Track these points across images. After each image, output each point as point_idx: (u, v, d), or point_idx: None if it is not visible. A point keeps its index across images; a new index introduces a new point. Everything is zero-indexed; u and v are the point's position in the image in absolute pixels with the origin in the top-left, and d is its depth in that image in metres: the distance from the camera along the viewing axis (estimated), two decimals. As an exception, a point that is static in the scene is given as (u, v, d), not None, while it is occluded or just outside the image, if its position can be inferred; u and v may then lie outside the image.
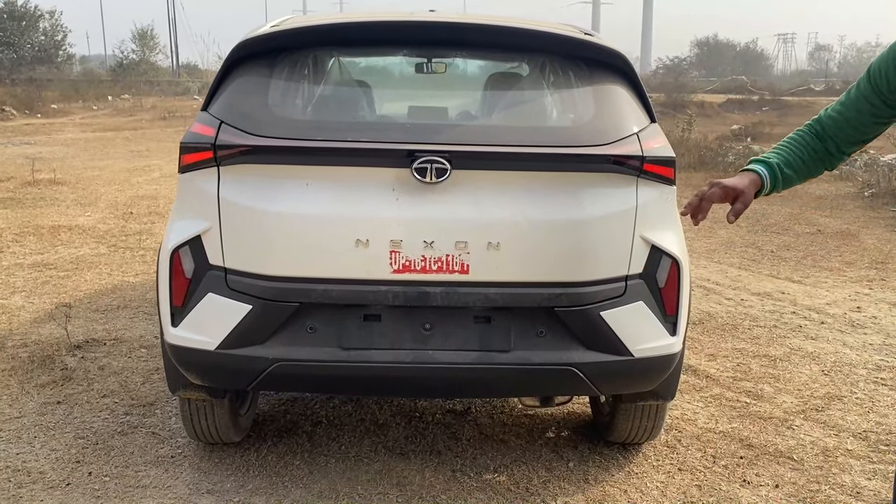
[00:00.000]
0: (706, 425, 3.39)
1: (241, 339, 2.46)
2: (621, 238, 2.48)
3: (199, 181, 2.46)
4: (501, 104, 2.94)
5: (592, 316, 2.47)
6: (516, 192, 2.44)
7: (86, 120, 22.67)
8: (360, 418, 3.38)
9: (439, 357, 2.46)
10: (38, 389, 3.67)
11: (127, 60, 44.21)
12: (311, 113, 2.73)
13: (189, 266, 2.49)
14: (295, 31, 2.69)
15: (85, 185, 10.20)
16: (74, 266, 6.04)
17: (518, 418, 3.42)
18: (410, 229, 2.40)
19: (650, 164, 2.46)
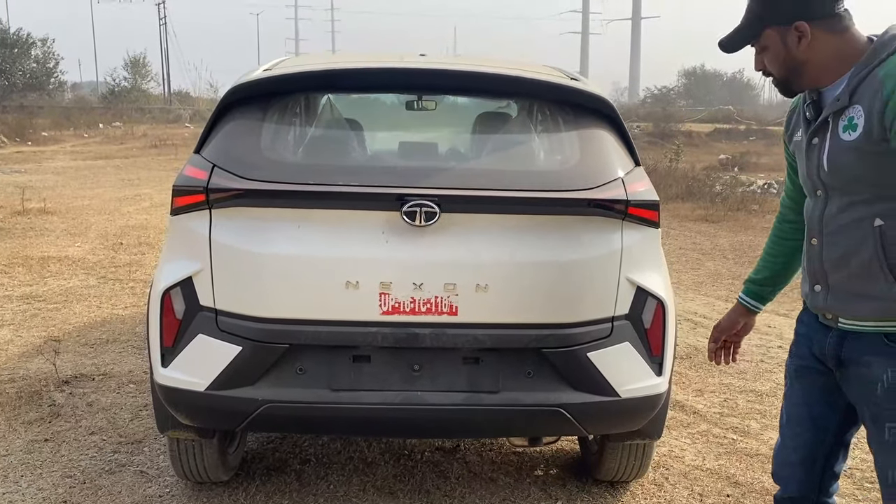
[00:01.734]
0: (693, 462, 3.41)
1: (231, 381, 2.47)
2: (607, 280, 2.52)
3: (191, 223, 2.50)
4: (489, 146, 2.99)
5: (579, 357, 2.50)
6: (504, 235, 2.48)
7: (77, 148, 22.68)
8: (348, 456, 3.39)
9: (428, 398, 2.48)
10: (25, 426, 3.65)
11: (118, 88, 44.36)
12: (303, 156, 2.77)
13: (180, 307, 2.51)
14: (287, 76, 2.74)
15: (75, 215, 10.20)
16: (64, 298, 6.03)
17: (507, 456, 3.43)
18: (400, 271, 2.43)
19: (635, 208, 2.51)
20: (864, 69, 1.73)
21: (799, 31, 1.78)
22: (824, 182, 1.84)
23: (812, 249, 1.91)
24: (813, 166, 1.86)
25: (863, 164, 1.74)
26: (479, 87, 2.86)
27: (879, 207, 1.74)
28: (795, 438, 2.05)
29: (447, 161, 3.04)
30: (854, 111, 1.73)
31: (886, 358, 1.77)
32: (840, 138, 1.77)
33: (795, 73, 1.84)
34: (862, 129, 1.71)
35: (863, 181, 1.76)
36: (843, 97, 1.76)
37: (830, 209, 1.84)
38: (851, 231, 1.80)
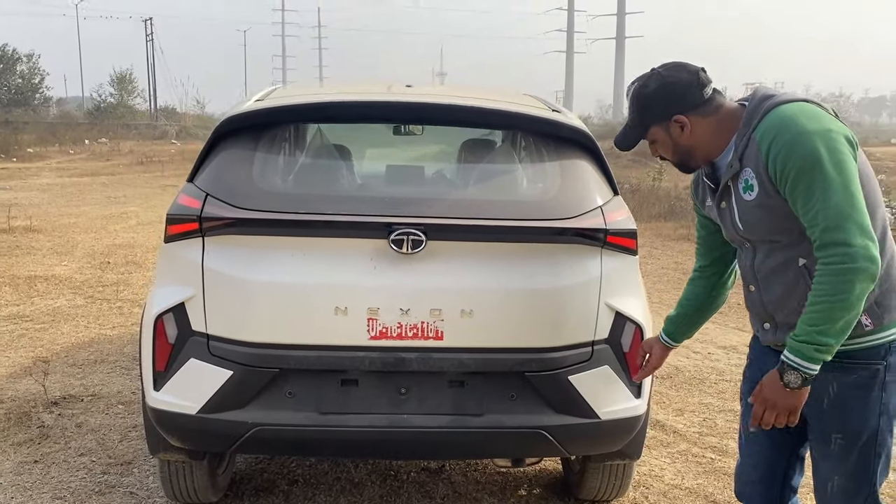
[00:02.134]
0: (673, 481, 3.50)
1: (222, 404, 2.53)
2: (587, 305, 2.62)
3: (184, 251, 2.57)
4: (474, 175, 3.08)
5: (561, 380, 2.58)
6: (488, 262, 2.57)
7: (62, 164, 22.62)
8: (336, 477, 3.45)
9: (414, 421, 2.56)
10: (14, 448, 3.69)
11: (104, 104, 44.25)
12: (294, 185, 2.85)
13: (172, 332, 2.57)
14: (279, 108, 2.83)
15: (61, 233, 10.20)
16: (51, 318, 6.06)
17: (491, 476, 3.50)
18: (387, 297, 2.51)
19: (613, 236, 2.61)
20: (744, 135, 1.94)
21: (679, 123, 2.02)
22: (744, 237, 2.03)
23: (752, 295, 2.10)
24: (730, 226, 2.06)
25: (770, 217, 1.92)
26: (464, 119, 2.96)
27: (799, 249, 1.92)
28: (754, 456, 2.19)
29: (433, 189, 3.13)
30: (746, 173, 1.94)
31: (833, 374, 1.91)
32: (743, 199, 1.97)
33: (687, 156, 2.07)
34: (757, 188, 1.91)
35: (776, 230, 1.94)
36: (735, 163, 1.96)
37: (759, 258, 2.02)
38: (781, 274, 1.97)
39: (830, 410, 1.94)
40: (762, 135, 1.88)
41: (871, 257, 1.76)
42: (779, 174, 1.85)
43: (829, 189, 1.78)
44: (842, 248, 1.76)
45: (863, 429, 1.93)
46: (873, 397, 1.92)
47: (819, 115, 1.88)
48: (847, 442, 1.93)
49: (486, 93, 3.22)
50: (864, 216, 1.79)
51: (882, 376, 1.92)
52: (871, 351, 1.90)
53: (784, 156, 1.83)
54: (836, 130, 1.84)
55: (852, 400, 1.91)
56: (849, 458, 1.95)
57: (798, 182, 1.81)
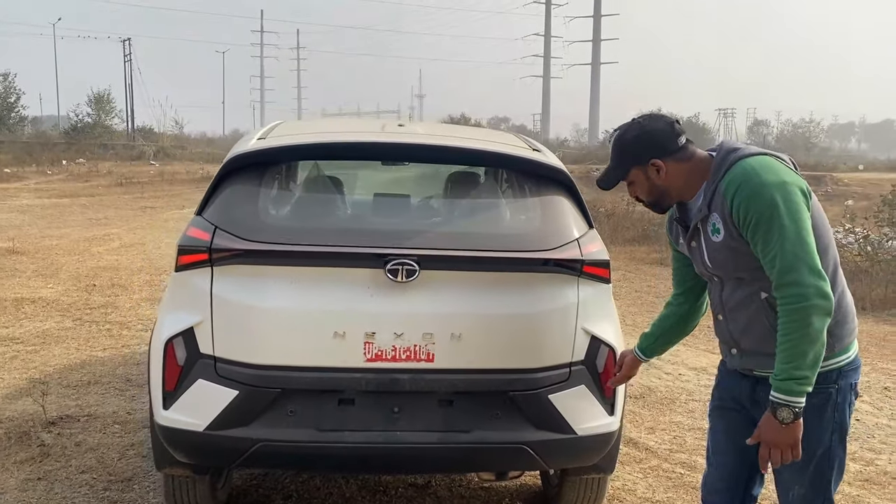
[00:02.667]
0: (644, 495, 3.73)
1: (228, 421, 2.73)
2: (565, 329, 2.86)
3: (194, 279, 2.77)
4: (461, 209, 3.33)
5: (541, 399, 2.81)
6: (476, 289, 2.81)
7: (41, 185, 22.58)
8: (328, 492, 3.64)
9: (407, 437, 2.77)
10: (17, 466, 3.83)
11: (81, 124, 44.04)
12: (296, 218, 3.08)
13: (182, 354, 2.77)
14: (281, 148, 3.06)
15: (44, 255, 10.28)
16: (41, 340, 6.18)
17: (475, 491, 3.71)
18: (383, 322, 2.74)
19: (589, 266, 2.86)
20: (712, 184, 2.21)
21: (655, 166, 2.28)
22: (713, 273, 2.29)
23: (720, 324, 2.35)
24: (699, 263, 2.33)
25: (734, 257, 2.19)
26: (453, 158, 3.21)
27: (761, 284, 2.18)
28: (721, 468, 2.43)
29: (425, 222, 3.37)
30: (714, 218, 2.21)
31: None
32: (711, 240, 2.24)
33: (661, 196, 2.33)
34: (723, 231, 2.18)
35: (740, 268, 2.20)
36: (703, 208, 2.24)
37: (726, 291, 2.28)
38: (746, 306, 2.23)
39: None
40: (727, 185, 2.14)
41: (823, 294, 2.02)
42: (742, 221, 2.11)
43: (784, 236, 2.04)
44: (795, 289, 2.02)
45: (818, 445, 2.18)
46: (827, 417, 2.18)
47: (777, 168, 2.15)
48: (806, 457, 2.16)
49: (473, 132, 3.47)
50: (815, 259, 2.05)
51: (834, 398, 2.18)
52: (823, 376, 2.14)
53: (746, 205, 2.09)
54: (791, 182, 2.11)
55: (809, 420, 2.14)
56: (807, 470, 2.20)
57: (758, 228, 2.08)
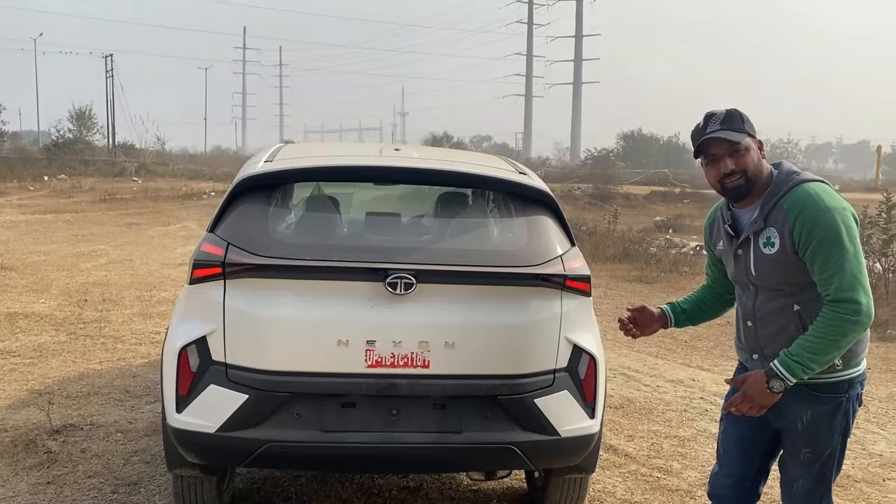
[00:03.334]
0: (623, 497, 3.97)
1: (238, 424, 2.94)
2: (550, 339, 3.10)
3: (207, 291, 2.99)
4: (454, 227, 3.58)
5: (528, 403, 3.05)
6: (468, 302, 3.05)
7: (24, 201, 22.55)
8: (325, 494, 3.84)
9: (404, 438, 3.00)
10: (26, 471, 4.01)
11: (62, 139, 43.92)
12: (302, 235, 3.32)
13: (195, 361, 2.98)
14: (290, 170, 3.31)
15: (33, 271, 10.39)
16: (38, 354, 6.33)
17: (464, 493, 3.93)
18: (382, 331, 2.97)
19: (571, 281, 3.12)
20: (772, 199, 2.41)
21: (760, 146, 2.49)
22: (752, 282, 2.50)
23: (748, 330, 2.57)
24: (742, 271, 2.52)
25: (781, 270, 2.41)
26: (446, 181, 3.47)
27: (796, 297, 2.42)
28: (730, 466, 2.69)
29: (422, 239, 3.60)
30: (770, 232, 2.42)
31: (807, 403, 2.44)
32: (762, 251, 2.45)
33: (754, 180, 2.45)
34: (778, 246, 2.39)
35: (782, 281, 2.43)
36: (759, 221, 2.44)
37: (760, 300, 2.50)
38: (778, 316, 2.46)
39: (803, 431, 2.45)
40: (790, 205, 2.36)
41: (870, 315, 2.29)
42: (803, 240, 2.33)
43: (844, 258, 2.29)
44: (852, 305, 2.27)
45: (827, 447, 2.45)
46: (837, 422, 2.44)
47: (835, 195, 2.41)
48: (814, 456, 2.45)
49: (464, 156, 3.73)
50: (867, 281, 2.32)
51: (845, 406, 2.44)
52: (837, 385, 2.42)
53: (810, 227, 2.32)
54: (847, 209, 2.37)
55: (821, 424, 2.42)
56: (813, 468, 2.47)
57: (820, 248, 2.31)
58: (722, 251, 2.64)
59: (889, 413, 5.57)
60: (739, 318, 2.62)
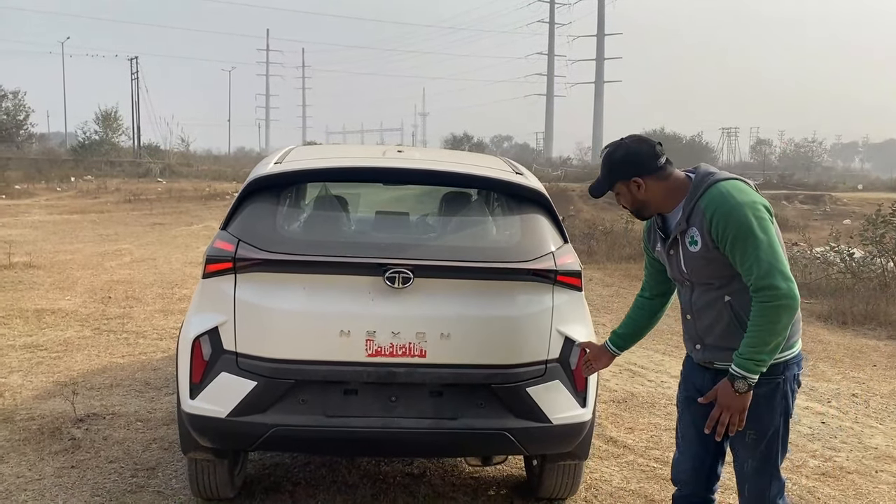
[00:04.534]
0: (619, 485, 4.12)
1: (247, 409, 3.14)
2: (542, 331, 3.27)
3: (219, 284, 3.19)
4: (451, 224, 3.75)
5: (520, 391, 3.22)
6: (463, 295, 3.22)
7: (51, 202, 23.08)
8: (332, 480, 4.03)
9: (403, 423, 3.18)
10: (52, 456, 4.24)
11: (89, 141, 44.71)
12: (308, 232, 3.51)
13: (207, 350, 3.18)
14: (297, 172, 3.51)
15: (60, 270, 10.71)
16: (63, 348, 6.59)
17: (465, 480, 4.10)
18: (382, 323, 3.15)
19: (562, 276, 3.28)
20: (691, 201, 2.61)
21: (636, 183, 2.68)
22: (686, 278, 2.69)
23: (688, 322, 2.76)
24: (675, 269, 2.72)
25: (708, 265, 2.59)
26: (444, 181, 3.65)
27: (726, 289, 2.60)
28: (689, 450, 2.85)
29: (419, 236, 3.79)
30: (692, 231, 2.60)
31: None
32: (689, 250, 2.63)
33: (642, 208, 2.72)
34: (700, 243, 2.58)
35: (711, 275, 2.61)
36: (682, 222, 2.63)
37: (695, 294, 2.69)
38: (712, 308, 2.64)
39: (747, 413, 2.59)
40: (706, 205, 2.55)
41: (793, 296, 2.43)
42: (720, 235, 2.51)
43: (758, 248, 2.45)
44: (771, 291, 2.42)
45: (769, 426, 2.61)
46: (776, 403, 2.60)
47: (746, 190, 2.58)
48: (758, 436, 2.61)
49: (463, 157, 3.91)
50: (785, 265, 2.47)
51: (782, 387, 2.60)
52: (774, 368, 2.56)
53: (724, 223, 2.50)
54: (758, 202, 2.54)
55: (762, 405, 2.58)
56: (759, 447, 2.63)
57: (736, 242, 2.48)
58: (659, 252, 2.82)
59: (889, 409, 5.66)
60: (681, 312, 2.81)
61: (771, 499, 2.67)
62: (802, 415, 5.42)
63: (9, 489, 3.83)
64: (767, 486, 2.66)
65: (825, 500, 4.02)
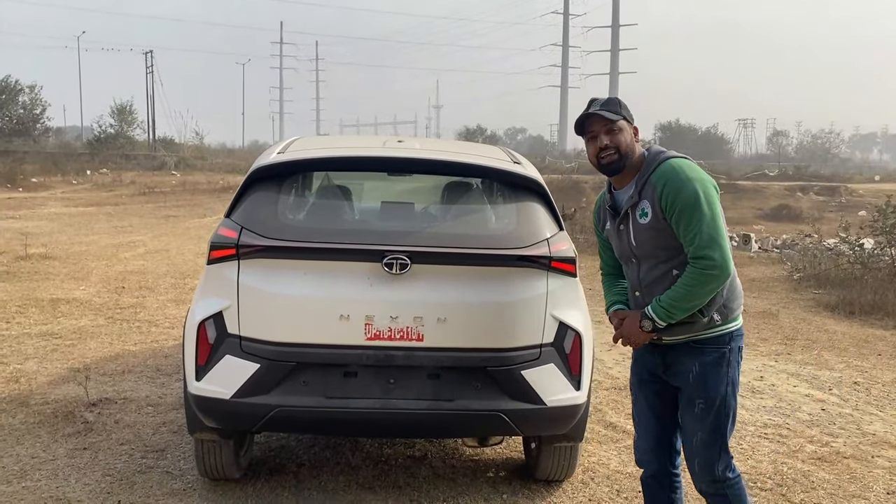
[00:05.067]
0: (616, 468, 4.20)
1: (251, 390, 3.24)
2: (536, 315, 3.35)
3: (223, 270, 3.30)
4: (449, 212, 3.84)
5: (515, 374, 3.30)
6: (459, 280, 3.31)
7: (67, 194, 23.37)
8: (336, 461, 4.14)
9: (401, 405, 3.27)
10: (65, 438, 4.38)
11: (104, 134, 45.10)
12: (308, 220, 3.60)
13: (212, 334, 3.29)
14: (297, 161, 3.60)
15: (75, 260, 10.90)
16: (77, 336, 6.75)
17: (465, 462, 4.20)
18: (380, 307, 3.24)
19: (556, 262, 3.36)
20: (644, 176, 2.72)
21: (636, 129, 2.80)
22: (635, 253, 2.78)
23: (637, 299, 2.85)
24: (625, 244, 2.80)
25: (656, 237, 2.70)
26: (442, 170, 3.73)
27: (673, 262, 2.71)
28: (647, 432, 2.95)
29: (416, 224, 3.87)
30: (644, 204, 2.71)
31: (695, 356, 2.73)
32: (639, 222, 2.73)
33: (625, 158, 2.75)
34: (651, 214, 2.69)
35: (659, 247, 2.71)
36: (634, 195, 2.74)
37: (643, 270, 2.78)
38: (660, 282, 2.73)
39: (694, 382, 2.72)
40: (658, 178, 2.68)
41: (727, 269, 2.59)
42: (668, 206, 2.64)
43: (703, 221, 2.60)
44: (708, 261, 2.58)
45: (716, 394, 2.71)
46: (723, 372, 2.71)
47: (696, 168, 2.71)
48: (707, 406, 2.70)
49: (463, 147, 3.99)
50: (725, 240, 2.62)
51: (728, 356, 2.72)
52: (719, 339, 2.71)
53: (674, 195, 2.63)
54: (707, 180, 2.68)
55: (709, 374, 2.70)
56: (707, 418, 2.72)
57: (683, 213, 2.61)
58: (609, 231, 2.91)
59: (890, 396, 5.69)
60: (629, 290, 2.90)
61: (720, 473, 2.77)
62: (802, 402, 5.48)
63: (24, 469, 3.96)
64: (717, 458, 2.76)
65: (819, 483, 4.08)
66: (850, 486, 4.07)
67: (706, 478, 2.78)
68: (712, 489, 2.80)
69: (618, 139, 2.75)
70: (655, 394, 2.90)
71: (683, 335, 2.73)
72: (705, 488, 2.82)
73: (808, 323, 8.20)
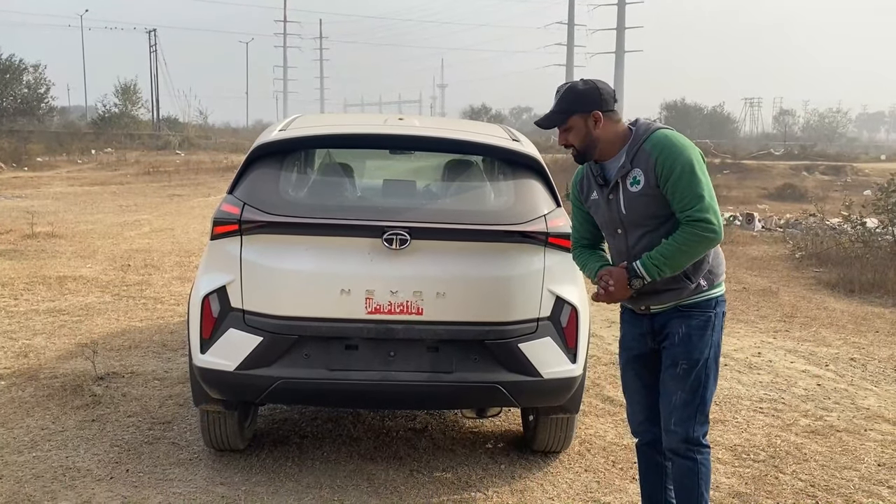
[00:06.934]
0: (613, 440, 4.29)
1: (254, 363, 3.32)
2: (533, 290, 3.42)
3: (226, 246, 3.37)
4: (448, 189, 3.90)
5: (512, 347, 3.38)
6: (458, 256, 3.38)
7: (72, 174, 23.45)
8: (338, 433, 4.24)
9: (400, 377, 3.35)
10: (74, 411, 4.48)
11: (108, 114, 45.10)
12: (310, 196, 3.67)
13: (216, 308, 3.37)
14: (299, 138, 3.66)
15: (81, 239, 11.00)
16: (84, 312, 6.85)
17: (464, 434, 4.29)
18: (380, 282, 3.31)
19: (553, 238, 3.42)
20: (635, 145, 2.77)
21: (595, 118, 2.80)
22: (623, 222, 2.82)
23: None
24: (614, 213, 2.84)
25: (646, 204, 2.75)
26: (441, 147, 3.79)
27: (662, 230, 2.76)
28: (639, 403, 3.04)
29: (416, 200, 3.94)
30: (636, 172, 2.76)
31: (682, 319, 2.80)
32: (629, 190, 2.78)
33: (590, 147, 2.82)
34: (643, 182, 2.74)
35: (649, 215, 2.76)
36: (626, 164, 2.78)
37: (631, 240, 2.82)
38: (649, 250, 2.75)
39: (679, 344, 2.80)
40: (652, 146, 2.74)
41: (719, 234, 2.66)
42: (664, 173, 2.69)
43: (700, 186, 2.67)
44: (705, 224, 2.64)
45: (700, 357, 2.79)
46: (707, 335, 2.80)
47: (685, 138, 2.79)
48: (689, 366, 2.78)
49: (462, 125, 4.04)
50: (717, 206, 2.69)
51: (713, 320, 2.81)
52: (705, 303, 2.80)
53: (671, 162, 2.69)
54: (696, 149, 2.76)
55: (694, 337, 2.78)
56: (689, 378, 2.80)
57: (680, 178, 2.67)
58: (594, 201, 2.92)
59: (886, 372, 5.76)
60: (614, 263, 2.93)
61: (694, 434, 2.82)
62: (799, 377, 5.55)
63: (34, 440, 4.07)
64: (694, 417, 2.81)
65: (811, 455, 4.16)
66: (842, 458, 4.15)
67: (680, 435, 2.81)
68: (682, 449, 2.82)
69: (569, 138, 2.83)
70: (644, 366, 2.97)
71: (671, 301, 2.80)
72: (675, 447, 2.83)
73: (807, 301, 8.26)
